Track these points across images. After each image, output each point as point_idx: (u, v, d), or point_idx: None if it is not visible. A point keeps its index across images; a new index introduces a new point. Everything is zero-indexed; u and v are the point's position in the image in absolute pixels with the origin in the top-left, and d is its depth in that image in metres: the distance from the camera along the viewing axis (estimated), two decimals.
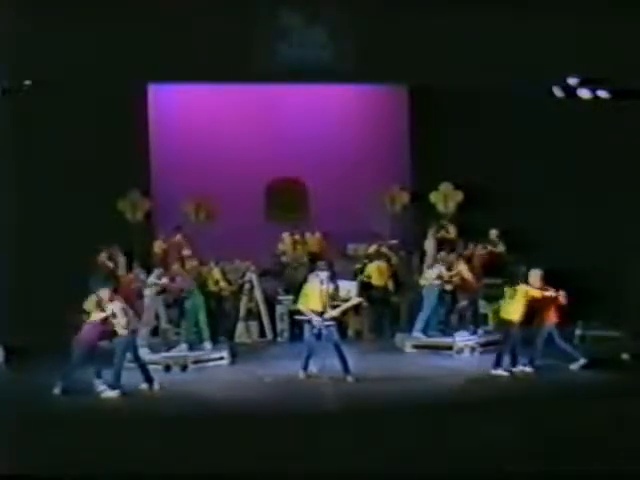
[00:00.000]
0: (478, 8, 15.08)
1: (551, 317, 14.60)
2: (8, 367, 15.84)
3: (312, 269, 15.56)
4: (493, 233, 18.58)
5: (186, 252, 17.84)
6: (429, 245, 18.71)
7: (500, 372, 14.56)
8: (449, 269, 16.79)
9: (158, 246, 18.63)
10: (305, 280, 15.25)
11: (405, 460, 10.82)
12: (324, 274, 14.71)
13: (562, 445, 11.13)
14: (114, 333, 13.74)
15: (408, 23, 15.36)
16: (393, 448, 11.18)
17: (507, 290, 14.77)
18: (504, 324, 14.80)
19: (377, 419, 12.43)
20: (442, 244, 18.36)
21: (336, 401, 13.50)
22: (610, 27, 15.09)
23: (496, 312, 16.00)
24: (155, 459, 10.95)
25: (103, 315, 13.62)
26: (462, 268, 16.81)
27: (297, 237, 19.12)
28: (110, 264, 17.64)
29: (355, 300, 15.78)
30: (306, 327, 14.69)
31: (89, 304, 13.83)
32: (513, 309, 14.59)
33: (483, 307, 17.42)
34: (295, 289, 16.26)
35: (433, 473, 10.46)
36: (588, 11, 15.03)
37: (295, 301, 15.58)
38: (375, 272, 17.74)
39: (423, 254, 18.78)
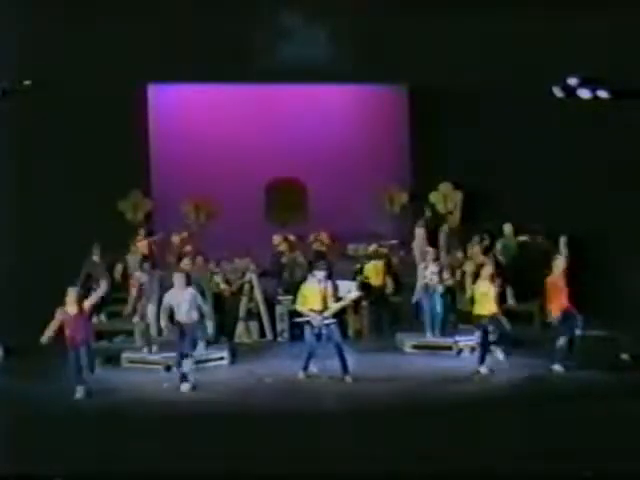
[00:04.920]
0: (478, 8, 15.10)
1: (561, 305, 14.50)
2: (8, 367, 15.84)
3: (311, 269, 15.56)
4: (507, 228, 18.50)
5: (188, 248, 17.84)
6: (418, 243, 18.49)
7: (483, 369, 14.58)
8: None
9: (142, 245, 18.49)
10: (303, 280, 15.27)
11: (405, 460, 10.83)
12: (322, 274, 14.71)
13: (562, 445, 11.13)
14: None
15: (408, 23, 15.39)
16: (393, 448, 11.19)
17: None
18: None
19: (377, 419, 12.43)
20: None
21: (336, 401, 13.54)
22: (610, 27, 15.10)
23: None
24: (154, 459, 10.96)
25: None
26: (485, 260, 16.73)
27: (290, 237, 18.97)
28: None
29: (353, 294, 15.76)
30: (306, 327, 14.69)
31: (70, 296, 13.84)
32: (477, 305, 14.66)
33: None
34: (294, 289, 16.25)
35: (433, 473, 10.46)
36: (588, 11, 15.04)
37: (295, 301, 15.57)
38: (372, 271, 17.71)
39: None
